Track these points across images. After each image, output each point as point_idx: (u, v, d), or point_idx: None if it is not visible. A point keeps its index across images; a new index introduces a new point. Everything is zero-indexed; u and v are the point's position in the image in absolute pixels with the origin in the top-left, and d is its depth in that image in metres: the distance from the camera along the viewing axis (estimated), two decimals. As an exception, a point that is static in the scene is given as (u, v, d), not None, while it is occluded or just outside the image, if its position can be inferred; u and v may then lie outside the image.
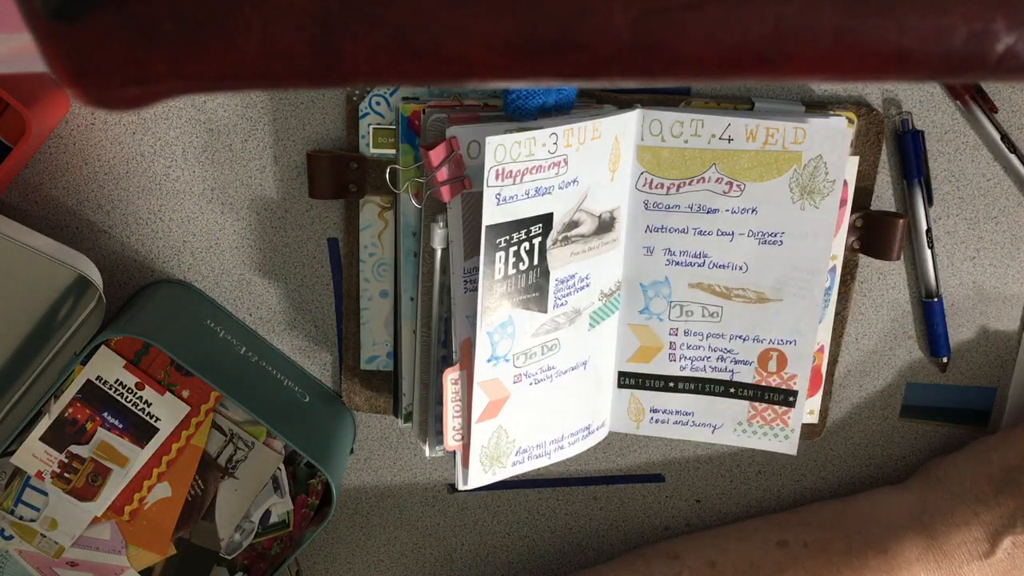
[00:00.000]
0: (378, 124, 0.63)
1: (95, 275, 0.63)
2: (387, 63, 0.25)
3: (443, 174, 0.57)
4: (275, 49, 0.25)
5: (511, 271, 0.58)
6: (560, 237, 0.60)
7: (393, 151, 0.64)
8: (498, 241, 0.57)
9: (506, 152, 0.55)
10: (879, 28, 0.24)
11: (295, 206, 0.67)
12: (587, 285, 0.63)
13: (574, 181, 0.59)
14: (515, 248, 0.58)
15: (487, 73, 0.25)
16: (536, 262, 0.59)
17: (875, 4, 0.24)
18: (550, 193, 0.58)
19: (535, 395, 0.63)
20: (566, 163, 0.58)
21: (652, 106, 0.62)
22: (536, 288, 0.60)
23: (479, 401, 0.61)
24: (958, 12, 0.24)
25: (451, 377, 0.61)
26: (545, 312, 0.61)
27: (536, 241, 0.59)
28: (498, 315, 0.59)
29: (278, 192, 0.67)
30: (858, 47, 0.24)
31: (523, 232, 0.58)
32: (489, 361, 0.60)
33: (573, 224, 0.60)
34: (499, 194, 0.56)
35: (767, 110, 0.63)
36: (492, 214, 0.56)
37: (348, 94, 0.63)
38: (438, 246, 0.60)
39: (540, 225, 0.58)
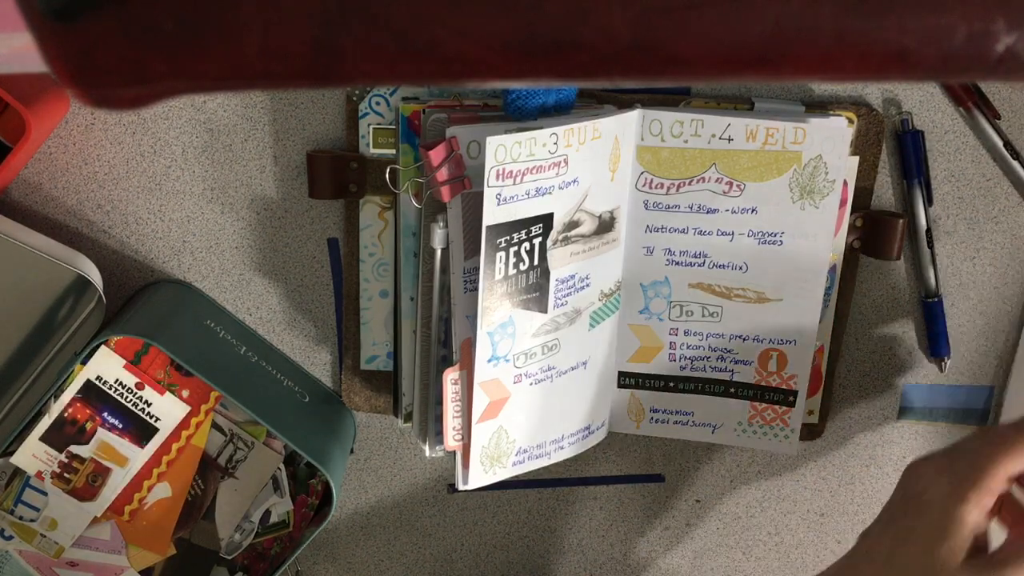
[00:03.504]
0: (378, 124, 0.63)
1: (95, 275, 0.63)
2: (387, 63, 0.25)
3: (443, 174, 0.57)
4: (275, 49, 0.25)
5: (511, 271, 0.58)
6: (560, 237, 0.60)
7: (393, 151, 0.64)
8: (498, 241, 0.57)
9: (507, 152, 0.55)
10: (879, 28, 0.24)
11: (295, 206, 0.67)
12: (587, 285, 0.63)
13: (574, 181, 0.59)
14: (515, 248, 0.58)
15: (487, 73, 0.25)
16: (536, 262, 0.59)
17: (875, 4, 0.24)
18: (550, 193, 0.58)
19: (535, 395, 0.63)
20: (566, 163, 0.58)
21: (652, 106, 0.62)
22: (536, 288, 0.60)
23: (479, 401, 0.61)
24: (958, 12, 0.24)
25: (451, 377, 0.61)
26: (545, 312, 0.61)
27: (536, 241, 0.59)
28: (498, 315, 0.59)
29: (278, 192, 0.67)
30: (858, 47, 0.24)
31: (523, 232, 0.58)
32: (490, 361, 0.60)
33: (573, 224, 0.60)
34: (499, 194, 0.56)
35: (767, 110, 0.63)
36: (493, 214, 0.56)
37: (348, 94, 0.63)
38: (438, 246, 0.60)
39: (540, 225, 0.58)
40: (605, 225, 0.62)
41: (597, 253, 0.63)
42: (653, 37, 0.24)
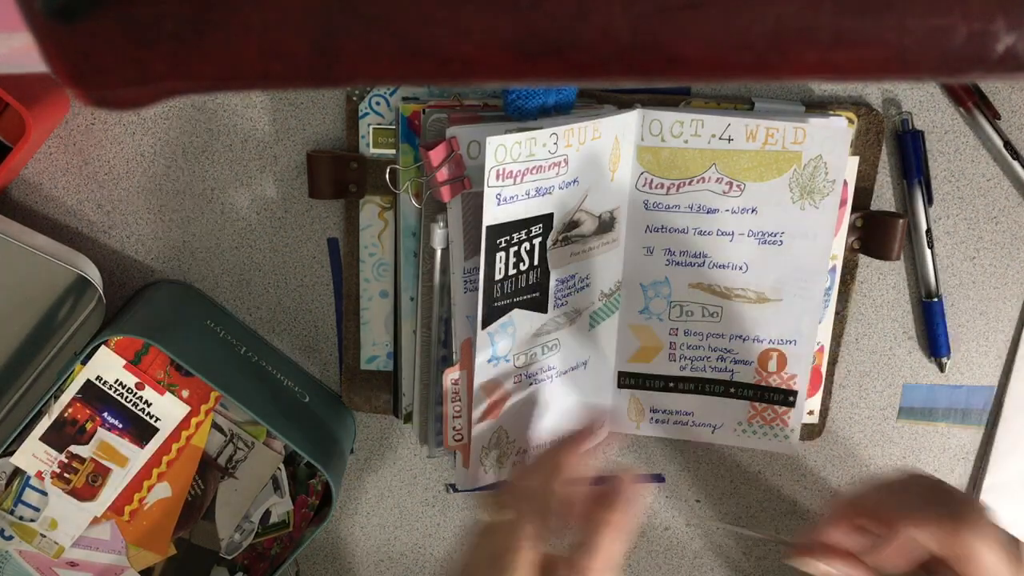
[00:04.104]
0: (378, 124, 0.63)
1: (95, 275, 0.63)
2: (387, 63, 0.25)
3: (443, 174, 0.57)
4: (275, 49, 0.25)
5: (512, 271, 0.58)
6: (560, 237, 0.60)
7: (393, 151, 0.64)
8: (499, 241, 0.57)
9: (507, 152, 0.55)
10: (879, 28, 0.24)
11: (295, 206, 0.67)
12: (587, 285, 0.63)
13: (574, 181, 0.59)
14: (515, 248, 0.58)
15: (487, 73, 0.25)
16: (536, 262, 0.59)
17: (875, 4, 0.24)
18: (550, 193, 0.58)
19: (536, 395, 0.63)
20: (566, 163, 0.58)
21: (652, 106, 0.62)
22: (536, 288, 0.60)
23: (479, 401, 0.61)
24: (958, 12, 0.24)
25: (451, 377, 0.61)
26: (545, 312, 0.61)
27: (536, 241, 0.59)
28: (498, 315, 0.59)
29: (278, 192, 0.67)
30: (858, 47, 0.24)
31: (523, 232, 0.58)
32: (490, 362, 0.60)
33: (573, 224, 0.60)
34: (499, 194, 0.56)
35: (767, 110, 0.63)
36: (493, 214, 0.56)
37: (348, 94, 0.63)
38: (438, 246, 0.60)
39: (540, 225, 0.59)
40: (605, 225, 0.62)
41: (597, 253, 0.63)
42: (653, 37, 0.24)
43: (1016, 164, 0.65)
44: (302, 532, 0.69)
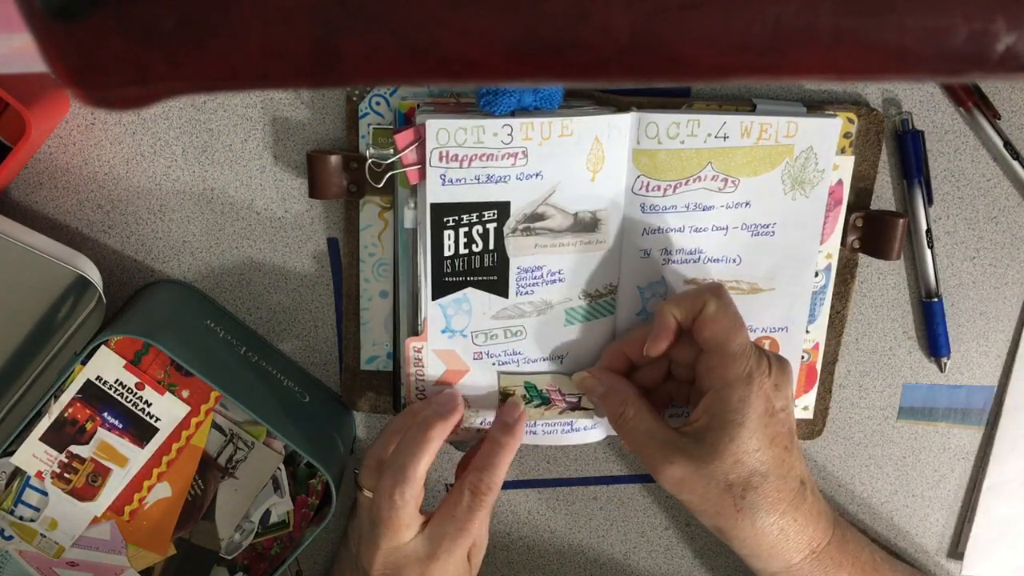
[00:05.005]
0: (378, 124, 0.63)
1: (95, 275, 0.63)
2: (387, 63, 0.25)
3: (409, 157, 0.59)
4: (275, 49, 0.25)
5: (463, 250, 0.61)
6: (521, 227, 0.61)
7: (392, 150, 0.64)
8: (446, 220, 0.60)
9: (450, 136, 0.58)
10: (879, 28, 0.24)
11: (295, 206, 0.67)
12: (560, 280, 0.64)
13: (537, 175, 0.60)
14: (466, 229, 0.60)
15: (487, 73, 0.25)
16: (492, 246, 0.61)
17: (875, 4, 0.24)
18: (505, 182, 0.60)
19: (499, 377, 0.66)
20: (525, 155, 0.59)
21: (650, 109, 0.62)
22: (493, 272, 0.62)
23: (435, 366, 0.64)
24: (958, 12, 0.24)
25: (414, 346, 0.64)
26: (506, 297, 0.62)
27: (491, 227, 0.60)
28: (450, 289, 0.62)
29: (278, 192, 0.67)
30: (857, 47, 0.24)
31: (475, 215, 0.60)
32: (444, 332, 0.63)
33: (538, 216, 0.61)
34: (443, 175, 0.59)
35: (769, 112, 0.63)
36: (436, 193, 0.59)
37: (348, 94, 0.63)
38: (408, 226, 0.62)
39: (495, 212, 0.60)
40: (585, 225, 0.63)
41: (575, 251, 0.63)
42: (653, 37, 0.24)
43: (1016, 164, 0.65)
44: (302, 532, 0.69)
